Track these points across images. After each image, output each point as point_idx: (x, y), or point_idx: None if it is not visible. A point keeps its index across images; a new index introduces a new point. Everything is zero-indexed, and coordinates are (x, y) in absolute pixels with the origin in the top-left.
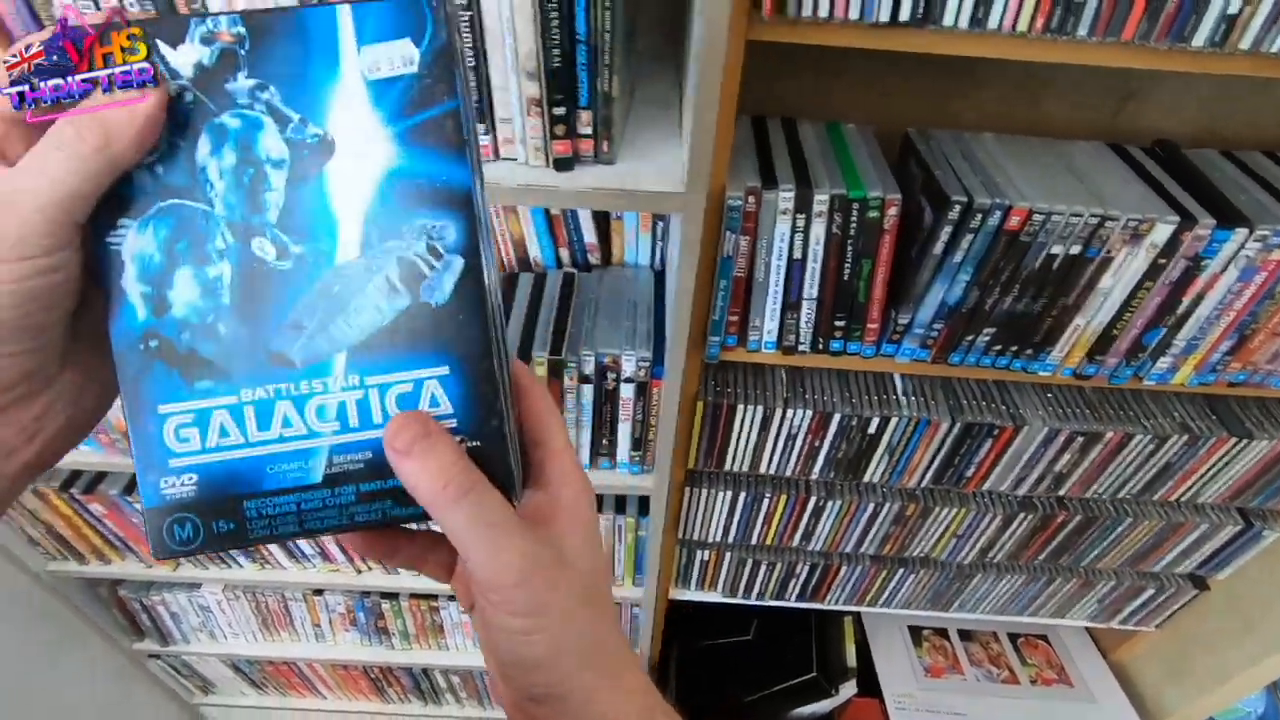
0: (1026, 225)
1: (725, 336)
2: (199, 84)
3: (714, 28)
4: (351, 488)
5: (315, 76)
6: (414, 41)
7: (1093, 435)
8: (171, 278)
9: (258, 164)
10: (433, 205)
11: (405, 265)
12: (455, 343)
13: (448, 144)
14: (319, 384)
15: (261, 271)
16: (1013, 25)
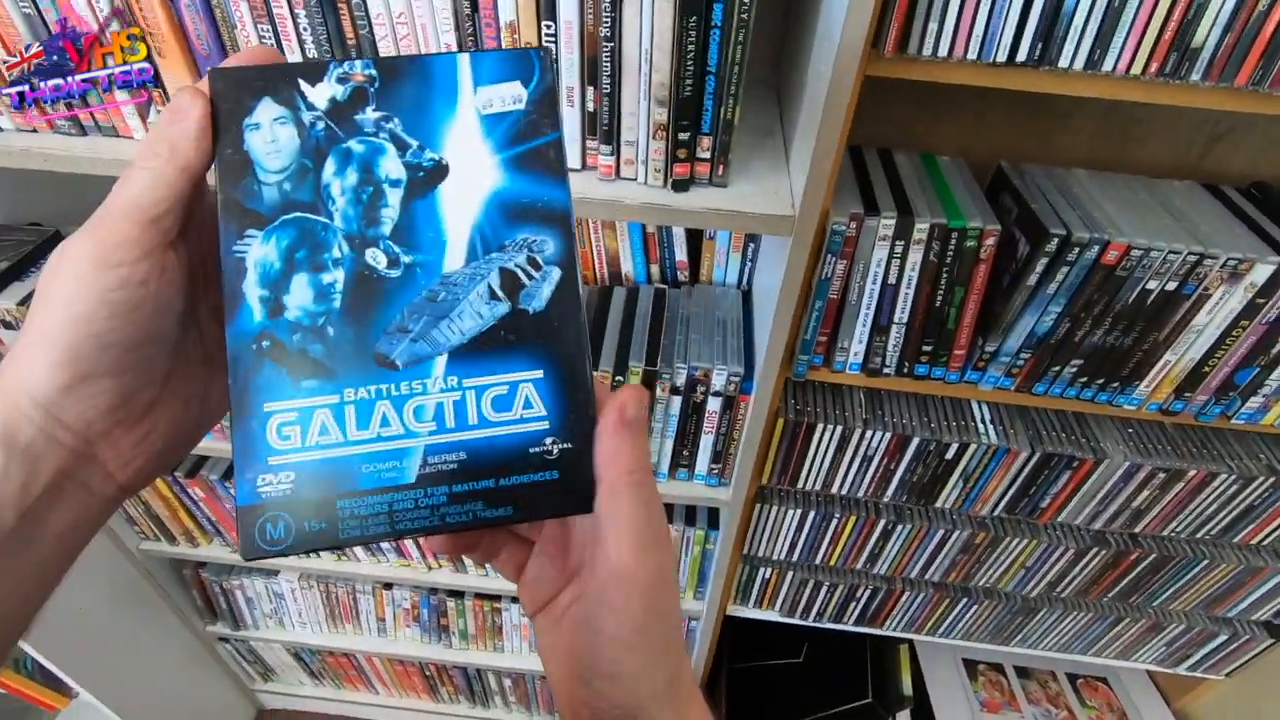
0: (1124, 260)
1: (813, 356)
2: (330, 115)
3: (844, 67)
4: (444, 488)
5: (434, 110)
6: (523, 84)
7: (1175, 472)
8: (288, 283)
9: (377, 183)
10: (534, 222)
11: (507, 275)
12: (550, 348)
13: (549, 170)
14: (418, 385)
15: (372, 279)
16: (1126, 68)
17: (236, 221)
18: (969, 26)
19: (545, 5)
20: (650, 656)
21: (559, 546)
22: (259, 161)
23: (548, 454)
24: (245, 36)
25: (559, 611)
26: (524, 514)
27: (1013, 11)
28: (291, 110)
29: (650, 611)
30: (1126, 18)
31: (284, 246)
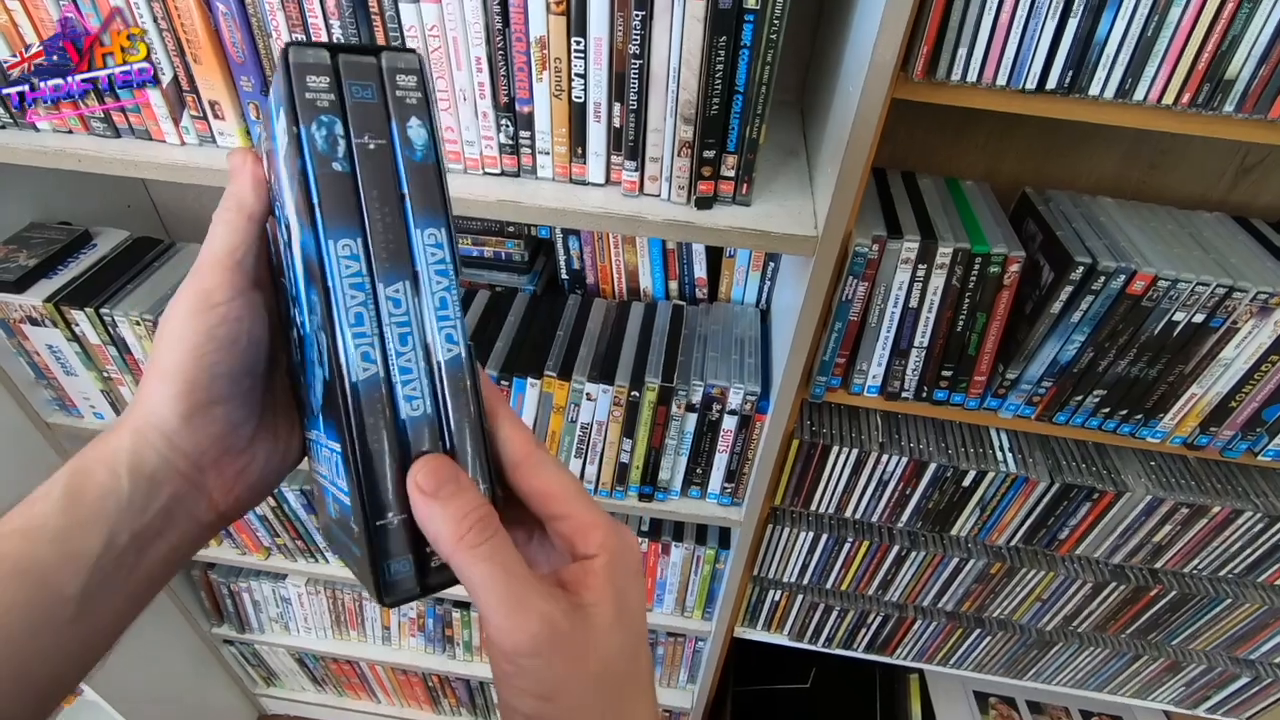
0: (1150, 290)
1: (831, 378)
2: None
3: (873, 89)
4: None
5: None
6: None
7: (1198, 508)
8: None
9: None
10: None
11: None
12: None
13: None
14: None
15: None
16: (1158, 98)
17: None
18: (999, 52)
19: (575, 21)
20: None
21: None
22: None
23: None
24: (280, 45)
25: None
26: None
27: (1044, 38)
28: None
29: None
30: (1160, 47)
31: None
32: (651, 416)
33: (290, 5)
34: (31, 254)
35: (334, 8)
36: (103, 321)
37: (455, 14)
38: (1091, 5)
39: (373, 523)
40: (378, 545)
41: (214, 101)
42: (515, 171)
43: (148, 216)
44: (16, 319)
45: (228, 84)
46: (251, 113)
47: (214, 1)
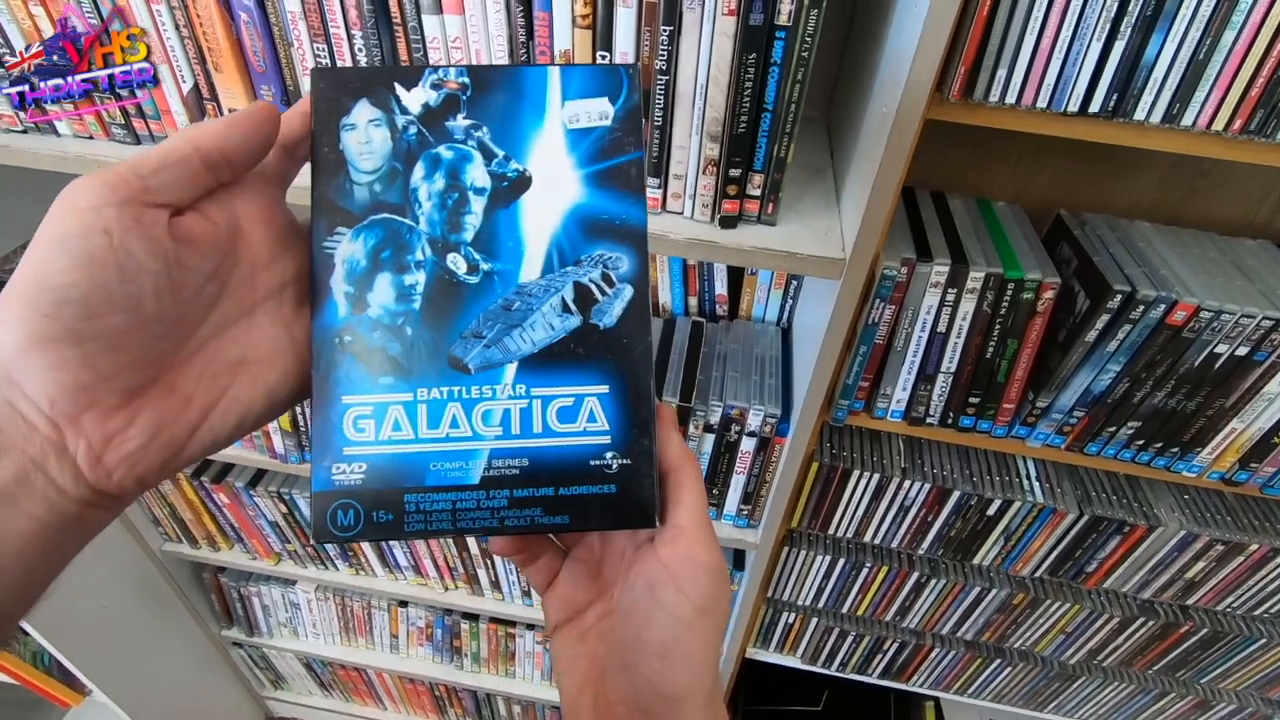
0: (1192, 321)
1: (854, 401)
2: (423, 120)
3: (908, 109)
4: (505, 492)
5: (522, 121)
6: (610, 100)
7: (1234, 545)
8: (372, 281)
9: (463, 190)
10: (611, 239)
11: (581, 289)
12: (618, 364)
13: (630, 188)
14: (488, 390)
15: (451, 283)
16: (1208, 124)
17: (328, 218)
18: (1041, 73)
19: (601, 35)
20: (705, 645)
21: (592, 563)
22: (353, 161)
23: (607, 468)
24: (301, 55)
25: (584, 626)
26: (580, 524)
27: (1089, 60)
28: (386, 113)
29: (714, 600)
30: (1211, 72)
31: (371, 246)
32: None
33: (312, 15)
34: None
35: (356, 18)
36: None
37: (479, 26)
38: (1140, 27)
39: (651, 448)
40: (651, 466)
41: (234, 110)
42: None
43: None
44: None
45: (248, 92)
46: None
47: (236, 9)
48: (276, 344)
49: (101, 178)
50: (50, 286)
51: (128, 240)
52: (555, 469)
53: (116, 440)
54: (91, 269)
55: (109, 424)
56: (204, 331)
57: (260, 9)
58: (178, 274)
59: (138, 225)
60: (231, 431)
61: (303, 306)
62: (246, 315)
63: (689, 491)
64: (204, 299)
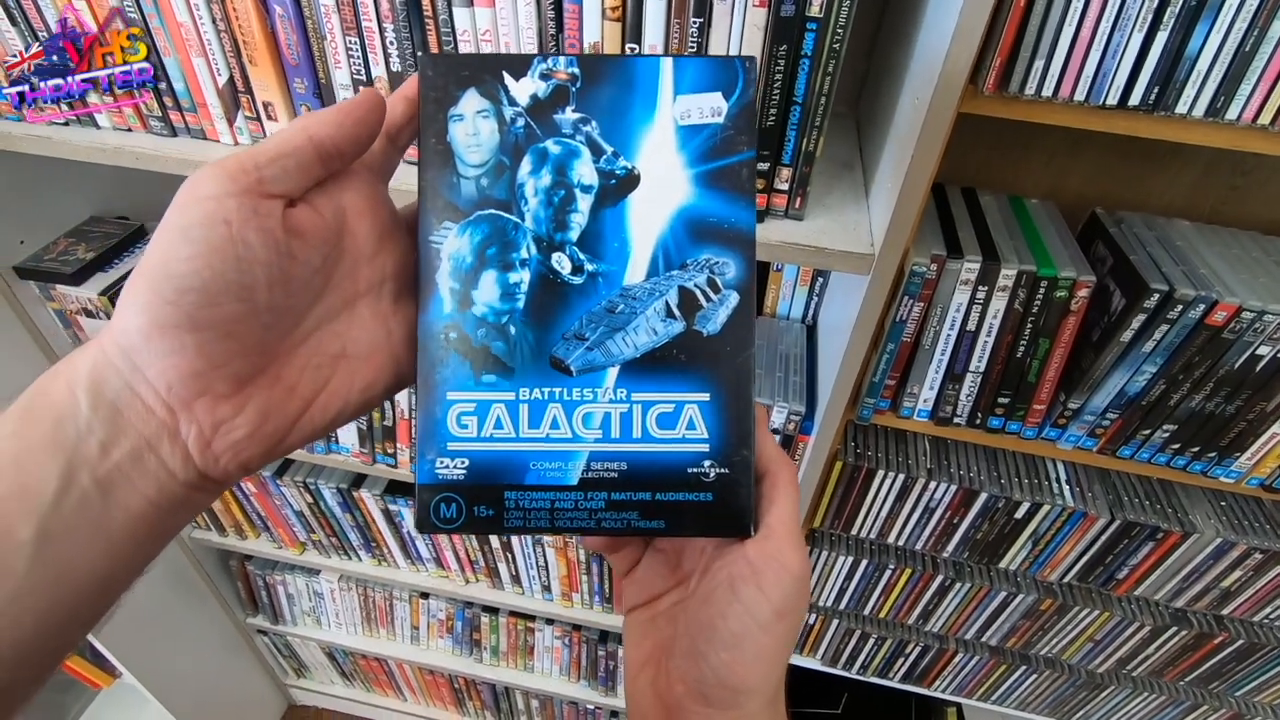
0: (1233, 322)
1: (880, 400)
2: (531, 111)
3: (941, 102)
4: (603, 495)
5: (633, 116)
6: (724, 96)
7: (1273, 554)
8: (478, 278)
9: (570, 187)
10: (718, 243)
11: (685, 294)
12: (720, 373)
13: (740, 190)
14: (589, 393)
15: (555, 283)
16: (1253, 117)
17: (436, 212)
18: (1079, 65)
19: (631, 27)
20: (777, 647)
21: (673, 554)
22: (460, 154)
23: (705, 476)
24: (334, 48)
25: (656, 611)
26: (675, 529)
27: (1130, 52)
28: (494, 104)
29: (794, 604)
30: (1258, 64)
31: (477, 242)
32: None
33: (345, 9)
34: (89, 247)
35: (388, 11)
36: None
37: (509, 19)
38: (1183, 18)
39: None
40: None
41: (268, 103)
42: None
43: None
44: (72, 310)
45: (281, 86)
46: (303, 113)
47: (272, 4)
48: (374, 339)
49: (222, 168)
50: (174, 274)
51: (245, 231)
52: (653, 474)
53: (225, 427)
54: (211, 258)
55: (219, 411)
56: (308, 324)
57: (295, 3)
58: (288, 265)
59: (255, 216)
60: (330, 423)
61: (400, 301)
62: (348, 308)
63: (783, 494)
64: (310, 291)
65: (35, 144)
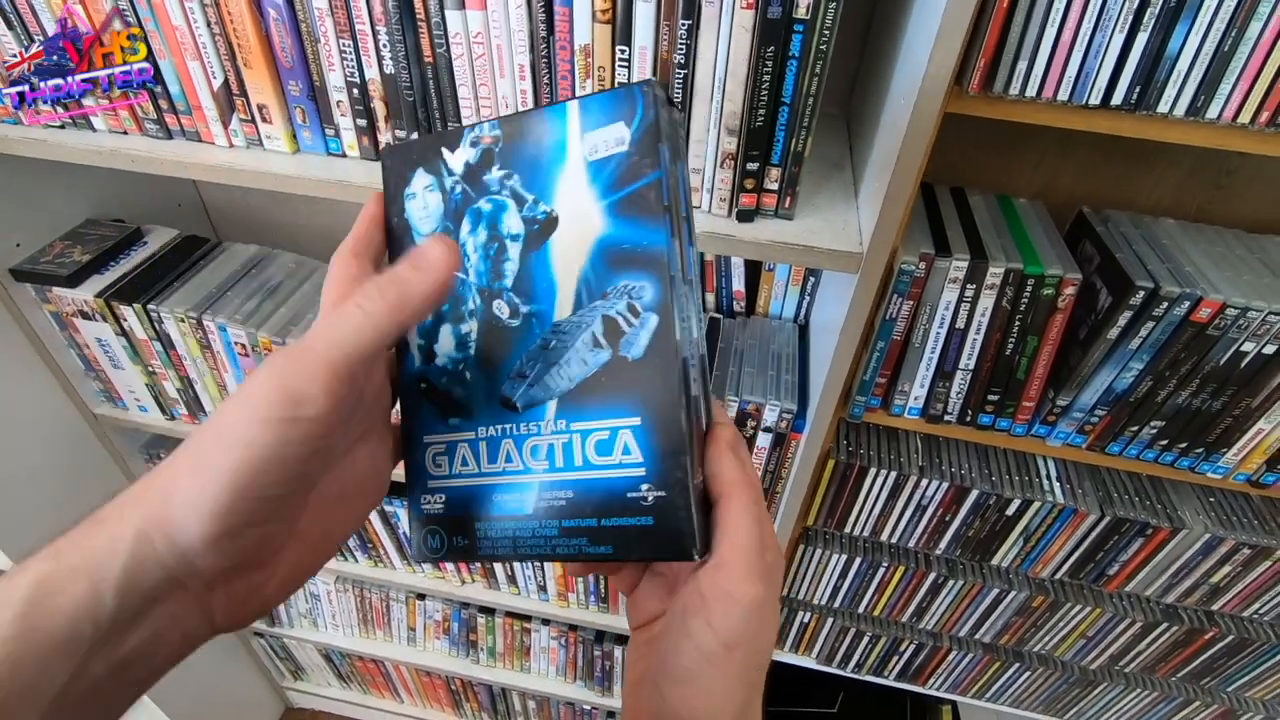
0: (1217, 319)
1: (871, 398)
2: (465, 178)
3: (926, 102)
4: (555, 522)
5: (548, 162)
6: (626, 124)
7: (1261, 550)
8: (437, 333)
9: (501, 239)
10: (634, 267)
11: (609, 322)
12: (647, 395)
13: (648, 212)
14: (535, 426)
15: (498, 328)
16: (1234, 116)
17: None
18: (1062, 66)
19: (621, 29)
20: (730, 679)
21: (670, 577)
22: (415, 226)
23: (643, 500)
24: (328, 51)
25: (651, 634)
26: (623, 554)
27: (1111, 52)
28: (437, 177)
29: (744, 636)
30: (1237, 64)
31: None
32: None
33: (339, 11)
34: (85, 250)
35: (381, 14)
36: (149, 317)
37: (500, 21)
38: (1163, 19)
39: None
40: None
41: (262, 105)
42: None
43: (198, 215)
44: (69, 313)
45: (276, 89)
46: (299, 117)
47: (266, 6)
48: (367, 472)
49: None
50: (260, 485)
51: (339, 438)
52: (597, 501)
53: (257, 592)
54: (305, 467)
55: (254, 579)
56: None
57: (289, 6)
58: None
59: (344, 421)
60: (326, 559)
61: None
62: (349, 453)
63: (738, 520)
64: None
65: (31, 146)
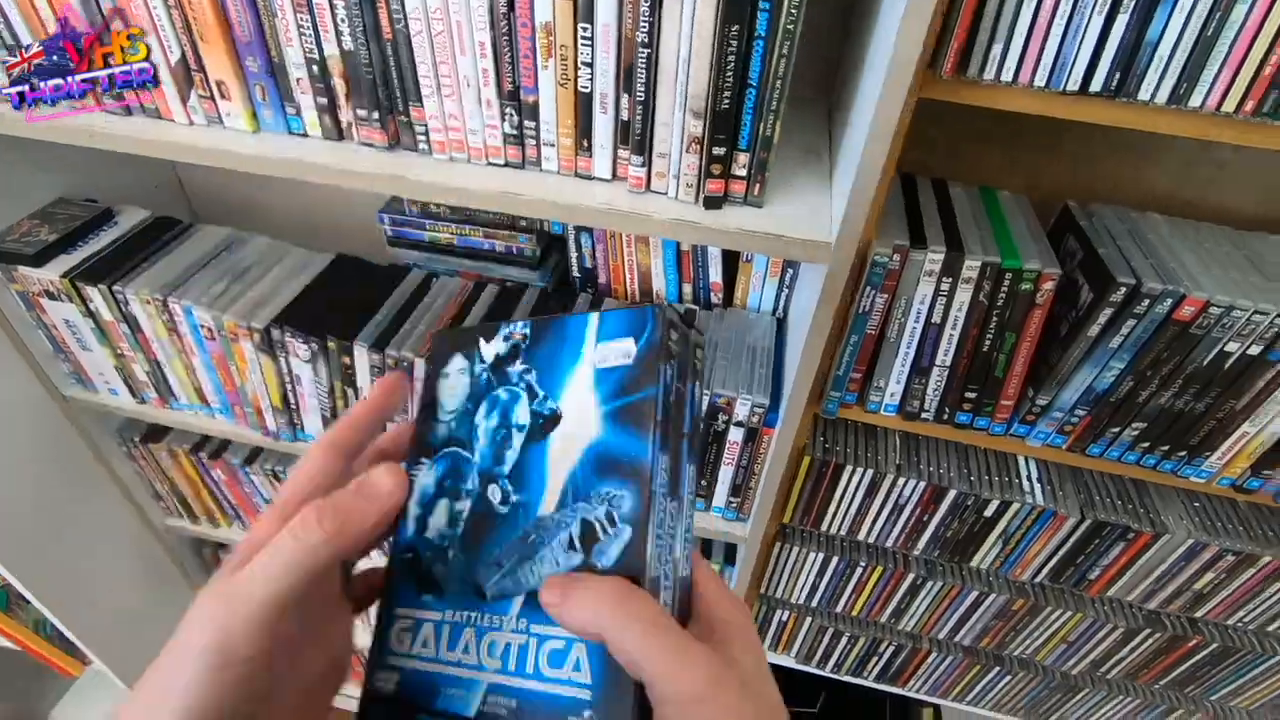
0: (1200, 318)
1: (845, 393)
2: (493, 368)
3: (894, 85)
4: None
5: (563, 363)
6: (635, 340)
7: (1246, 556)
8: (434, 506)
9: (509, 427)
10: (618, 476)
11: (586, 526)
12: None
13: (640, 425)
14: (498, 619)
15: (488, 512)
16: (1217, 105)
17: (417, 449)
18: (1038, 50)
19: (583, 6)
20: None
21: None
22: (441, 402)
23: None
24: (285, 25)
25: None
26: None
27: (1089, 36)
28: (470, 363)
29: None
30: (1220, 50)
31: (439, 474)
32: None
33: None
34: (53, 229)
35: None
36: (115, 299)
37: None
38: (1144, 2)
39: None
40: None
41: (221, 81)
42: (520, 163)
43: (176, 197)
44: (35, 293)
45: (234, 64)
46: (258, 94)
47: None
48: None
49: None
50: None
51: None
52: (539, 717)
53: None
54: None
55: None
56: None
57: None
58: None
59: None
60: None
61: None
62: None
63: None
64: None
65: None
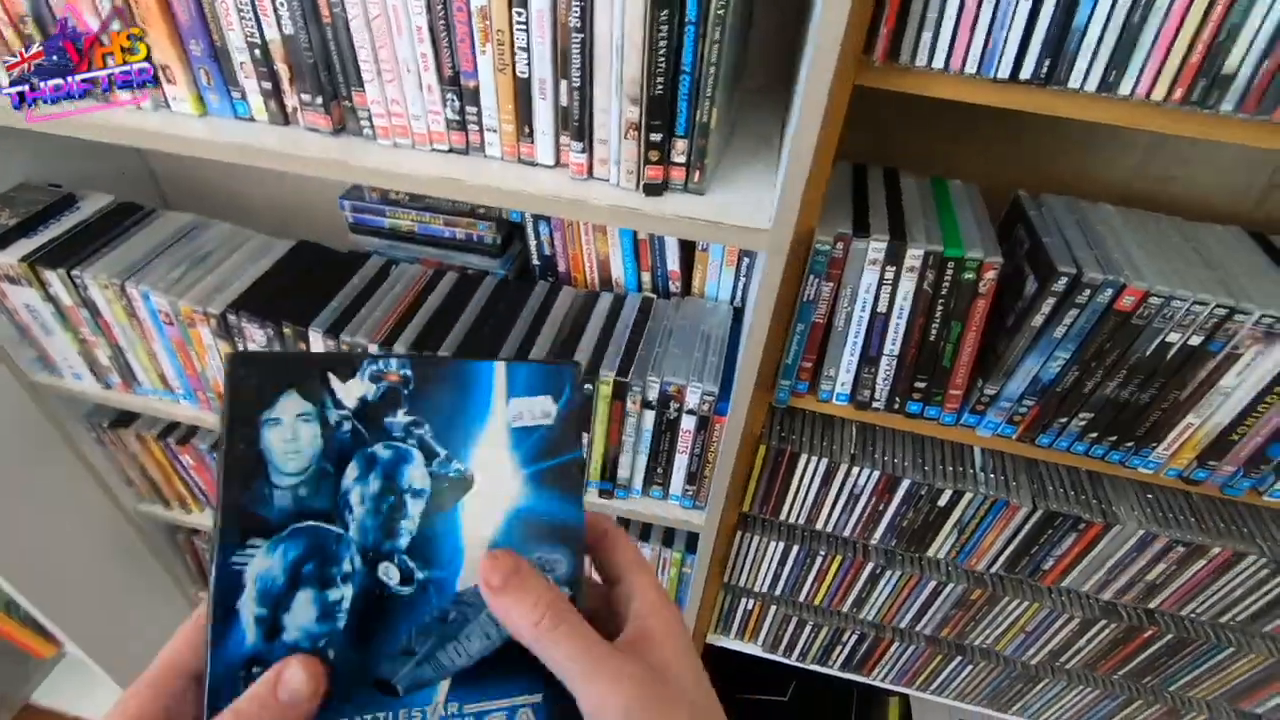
0: (1141, 308)
1: (796, 382)
2: (359, 415)
3: (820, 71)
4: None
5: (467, 418)
6: (554, 399)
7: (1196, 548)
8: (291, 600)
9: (399, 492)
10: (550, 540)
11: None
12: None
13: (569, 488)
14: (418, 713)
15: (382, 597)
16: (1146, 93)
17: (239, 528)
18: (967, 37)
19: None
20: None
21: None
22: (275, 462)
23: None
24: (225, 9)
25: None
26: None
27: (1016, 23)
28: (317, 407)
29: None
30: (1146, 37)
31: (291, 559)
32: (607, 412)
33: None
34: (14, 214)
35: None
36: (74, 283)
37: None
38: None
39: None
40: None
41: (165, 65)
42: (464, 149)
43: (144, 184)
44: None
45: (177, 48)
46: (203, 78)
47: None
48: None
49: None
50: None
51: None
52: None
53: None
54: None
55: None
56: None
57: None
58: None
59: None
60: None
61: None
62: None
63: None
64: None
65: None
